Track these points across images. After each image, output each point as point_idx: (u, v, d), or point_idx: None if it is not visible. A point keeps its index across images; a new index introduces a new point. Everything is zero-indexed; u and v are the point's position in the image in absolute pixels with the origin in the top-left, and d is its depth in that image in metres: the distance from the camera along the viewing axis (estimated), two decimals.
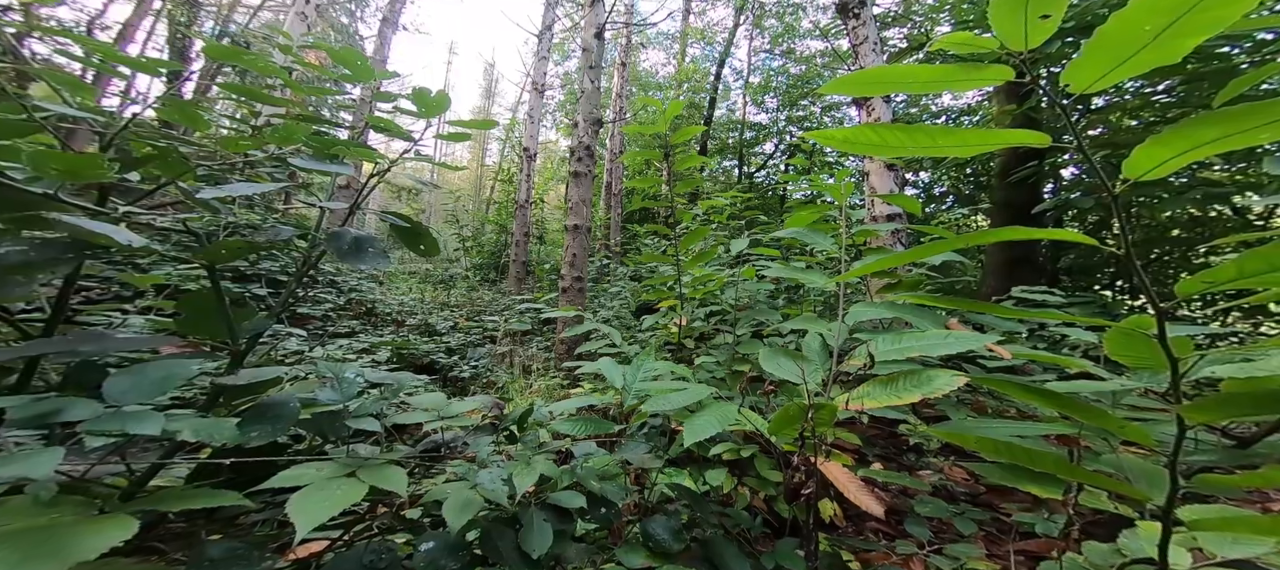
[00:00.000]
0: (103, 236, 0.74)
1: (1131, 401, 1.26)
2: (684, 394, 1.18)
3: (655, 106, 2.24)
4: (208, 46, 1.08)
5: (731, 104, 13.17)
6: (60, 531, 0.56)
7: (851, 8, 3.54)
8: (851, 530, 1.57)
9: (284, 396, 0.95)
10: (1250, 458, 1.11)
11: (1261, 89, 2.82)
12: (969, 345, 1.05)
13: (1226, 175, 3.69)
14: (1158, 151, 0.57)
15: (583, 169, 4.47)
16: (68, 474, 0.79)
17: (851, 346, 1.25)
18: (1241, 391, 0.60)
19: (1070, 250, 4.71)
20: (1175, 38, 0.53)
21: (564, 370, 3.73)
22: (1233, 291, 0.61)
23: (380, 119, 1.16)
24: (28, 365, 0.88)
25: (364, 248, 1.05)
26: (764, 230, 4.61)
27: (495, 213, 13.11)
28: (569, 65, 14.33)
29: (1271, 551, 0.81)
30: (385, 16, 9.00)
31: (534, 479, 0.97)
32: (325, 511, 0.71)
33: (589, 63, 4.79)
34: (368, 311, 5.53)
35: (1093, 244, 0.65)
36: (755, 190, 11.28)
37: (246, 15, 10.99)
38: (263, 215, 4.75)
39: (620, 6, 10.49)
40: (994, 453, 0.77)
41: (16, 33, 4.32)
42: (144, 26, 9.62)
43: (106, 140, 0.93)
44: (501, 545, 0.93)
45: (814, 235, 1.70)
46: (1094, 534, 1.15)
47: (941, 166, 7.76)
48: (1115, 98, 4.09)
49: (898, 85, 0.73)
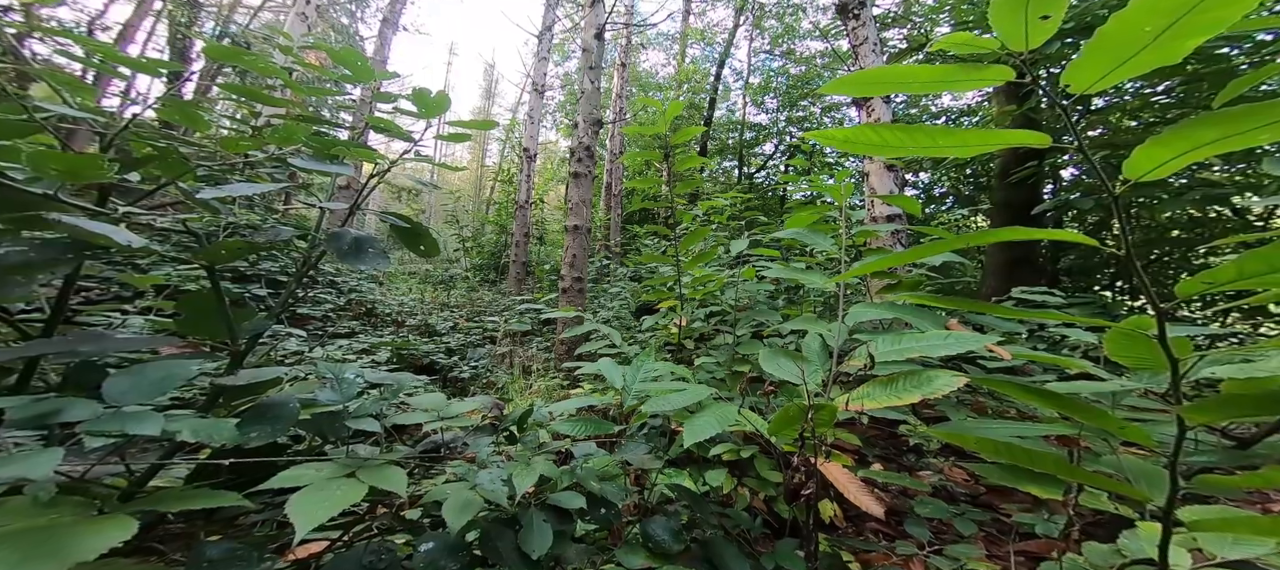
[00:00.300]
0: (102, 237, 0.74)
1: (1131, 402, 1.26)
2: (684, 395, 1.18)
3: (655, 107, 2.24)
4: (208, 47, 1.08)
5: (731, 104, 13.18)
6: (59, 532, 0.56)
7: (851, 8, 3.54)
8: (851, 531, 1.57)
9: (283, 397, 0.95)
10: (1250, 458, 1.11)
11: (1261, 90, 2.83)
12: (969, 346, 1.05)
13: (1226, 176, 3.69)
14: (1158, 152, 0.57)
15: (583, 170, 4.47)
16: (67, 474, 0.79)
17: (851, 347, 1.25)
18: (1241, 392, 0.60)
19: (1070, 251, 4.71)
20: (1175, 38, 0.53)
21: (564, 371, 3.73)
22: (1232, 292, 0.61)
23: (380, 119, 1.16)
24: (27, 365, 0.88)
25: (364, 248, 1.05)
26: (764, 231, 4.61)
27: (495, 213, 13.10)
28: (569, 66, 14.34)
29: (1272, 552, 0.81)
30: (385, 17, 9.01)
31: (534, 480, 0.97)
32: (325, 512, 0.71)
33: (589, 63, 4.79)
34: (367, 312, 5.53)
35: (1093, 244, 0.65)
36: (755, 191, 11.28)
37: (247, 16, 11.00)
38: (262, 216, 4.75)
39: (620, 7, 10.50)
40: (994, 453, 0.77)
41: (17, 33, 4.32)
42: (144, 27, 9.62)
43: (107, 141, 0.93)
44: (501, 546, 0.93)
45: (814, 236, 1.70)
46: (1094, 535, 1.15)
47: (941, 167, 7.76)
48: (1115, 98, 4.10)
49: (898, 86, 0.73)
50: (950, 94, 7.64)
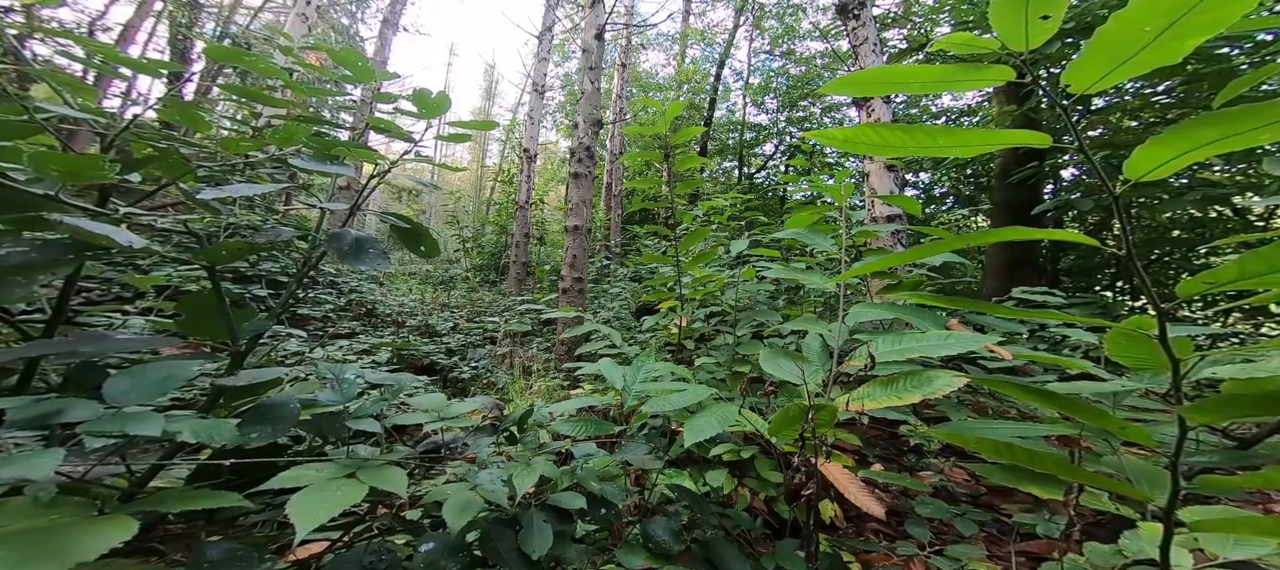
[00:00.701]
0: (103, 238, 0.75)
1: (1132, 402, 1.26)
2: (684, 395, 1.18)
3: (655, 107, 2.24)
4: (208, 48, 1.08)
5: (731, 105, 13.18)
6: (59, 532, 0.56)
7: (851, 8, 3.54)
8: (852, 531, 1.57)
9: (284, 398, 0.95)
10: (1251, 459, 1.11)
11: (1262, 90, 2.83)
12: (970, 346, 1.05)
13: (1227, 176, 3.69)
14: (1158, 152, 0.57)
15: (583, 170, 4.47)
16: (68, 475, 0.79)
17: (852, 347, 1.25)
18: (1242, 392, 0.60)
19: (1071, 251, 4.71)
20: (1175, 38, 0.53)
21: (564, 371, 3.73)
22: (1233, 292, 0.61)
23: (381, 120, 1.16)
24: (28, 366, 0.88)
25: (365, 249, 1.05)
26: (764, 231, 4.61)
27: (495, 214, 13.10)
28: (569, 66, 14.34)
29: (1273, 553, 0.81)
30: (386, 18, 9.02)
31: (534, 480, 0.97)
32: (325, 512, 0.71)
33: (589, 64, 4.79)
34: (368, 312, 5.53)
35: (1094, 244, 0.65)
36: (755, 191, 11.28)
37: (247, 16, 11.01)
38: (263, 216, 4.75)
39: (620, 8, 10.51)
40: (995, 454, 0.77)
41: (18, 34, 4.33)
42: (145, 28, 9.63)
43: (107, 141, 0.93)
44: (501, 546, 0.93)
45: (814, 236, 1.70)
46: (1095, 535, 1.15)
47: (942, 167, 7.76)
48: (1115, 98, 4.10)
49: (898, 86, 0.73)
50: (950, 94, 7.64)
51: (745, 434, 1.64)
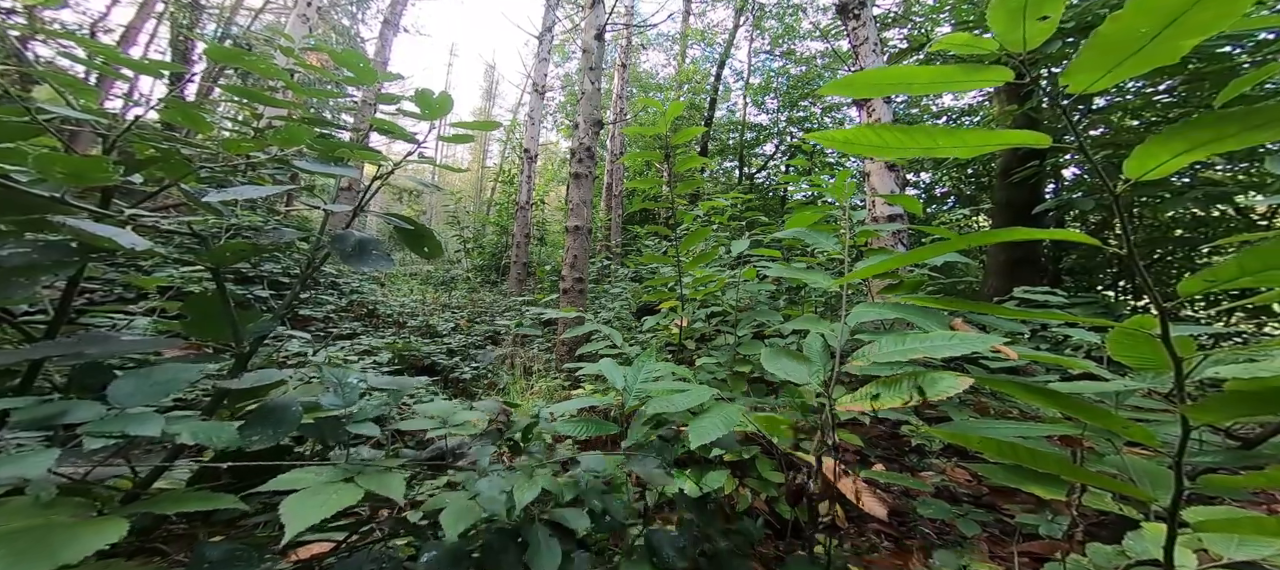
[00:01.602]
0: (107, 240, 0.75)
1: (1135, 402, 1.25)
2: (686, 395, 1.18)
3: (656, 108, 2.24)
4: (210, 49, 1.08)
5: (732, 105, 13.18)
6: (55, 532, 0.56)
7: (852, 9, 3.54)
8: (853, 531, 1.57)
9: (286, 400, 0.95)
10: (1255, 458, 1.10)
11: (1263, 89, 2.82)
12: (973, 347, 1.04)
13: (1229, 175, 3.68)
14: (1159, 151, 0.57)
15: (583, 170, 4.47)
16: (71, 476, 0.79)
17: (853, 347, 1.25)
18: (1246, 392, 0.60)
19: (1072, 250, 4.70)
20: (1173, 38, 0.52)
21: (565, 371, 3.73)
22: (1236, 291, 0.61)
23: (385, 121, 1.17)
24: (31, 367, 0.88)
25: (368, 250, 1.05)
26: (764, 231, 4.61)
27: (496, 214, 13.11)
28: (569, 67, 14.35)
29: (1277, 553, 0.80)
30: (386, 18, 9.03)
31: (535, 493, 0.95)
32: (317, 514, 0.71)
33: (589, 64, 4.80)
34: (369, 313, 5.54)
35: (1095, 244, 0.65)
36: (756, 191, 11.27)
37: (248, 18, 11.03)
38: (264, 217, 4.76)
39: (620, 8, 10.51)
40: (997, 454, 0.76)
41: (20, 35, 4.34)
42: (146, 29, 9.65)
43: (110, 142, 0.93)
44: (504, 560, 0.92)
45: (815, 236, 1.70)
46: (1098, 536, 1.14)
47: (943, 167, 7.75)
48: (1116, 98, 4.09)
49: (898, 87, 0.73)
50: (951, 94, 7.63)
51: (746, 434, 1.64)
